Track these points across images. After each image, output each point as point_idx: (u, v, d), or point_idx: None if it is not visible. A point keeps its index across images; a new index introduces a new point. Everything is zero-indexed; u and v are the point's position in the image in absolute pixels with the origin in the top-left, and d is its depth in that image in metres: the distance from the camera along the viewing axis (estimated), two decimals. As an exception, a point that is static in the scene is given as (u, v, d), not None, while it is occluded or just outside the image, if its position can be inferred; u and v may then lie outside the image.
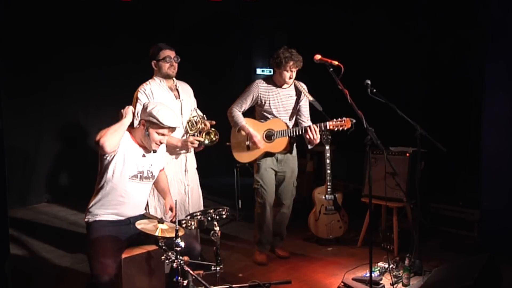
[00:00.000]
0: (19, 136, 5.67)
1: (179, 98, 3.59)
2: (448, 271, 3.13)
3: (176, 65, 3.55)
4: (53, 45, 5.68)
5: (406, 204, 4.11)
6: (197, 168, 3.77)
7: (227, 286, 2.60)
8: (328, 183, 4.30)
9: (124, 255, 2.68)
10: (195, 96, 3.79)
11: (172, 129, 2.85)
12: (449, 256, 4.00)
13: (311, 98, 3.82)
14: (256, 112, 3.97)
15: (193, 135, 3.52)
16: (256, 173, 3.92)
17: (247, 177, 5.82)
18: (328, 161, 4.25)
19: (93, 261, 2.59)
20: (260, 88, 3.84)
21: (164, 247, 2.54)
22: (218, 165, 7.67)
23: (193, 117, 3.59)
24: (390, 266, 3.57)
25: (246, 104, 3.88)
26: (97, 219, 2.82)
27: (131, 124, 2.90)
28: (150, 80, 3.55)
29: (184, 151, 3.54)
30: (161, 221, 2.60)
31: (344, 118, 3.65)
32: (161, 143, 2.85)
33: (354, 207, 4.49)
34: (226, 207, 2.81)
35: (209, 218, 2.72)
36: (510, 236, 3.90)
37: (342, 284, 3.49)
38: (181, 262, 2.43)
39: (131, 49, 5.93)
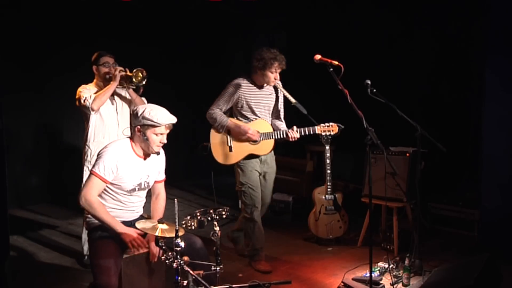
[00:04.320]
0: (19, 136, 5.67)
1: (115, 102, 3.81)
2: (448, 271, 3.13)
3: (113, 70, 3.74)
4: (52, 45, 5.68)
5: (406, 204, 4.11)
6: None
7: (227, 286, 2.60)
8: (328, 183, 4.29)
9: (124, 255, 2.68)
10: (195, 96, 3.83)
11: (169, 125, 2.76)
12: (449, 256, 4.01)
13: (293, 101, 3.73)
14: (234, 113, 3.85)
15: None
16: (241, 175, 3.82)
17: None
18: (328, 161, 4.25)
19: (95, 269, 2.58)
20: (242, 89, 3.74)
21: (164, 247, 2.54)
22: (218, 165, 7.68)
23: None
24: (390, 266, 3.57)
25: (227, 105, 3.78)
26: (96, 225, 2.79)
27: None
28: (91, 84, 3.81)
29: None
30: (161, 221, 2.60)
31: (331, 123, 3.72)
32: (161, 143, 2.77)
33: (354, 207, 4.49)
34: (226, 207, 2.80)
35: (209, 218, 2.72)
36: (510, 236, 3.90)
37: (342, 284, 3.49)
38: (181, 262, 2.43)
39: (130, 50, 5.94)
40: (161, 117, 2.69)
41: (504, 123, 3.99)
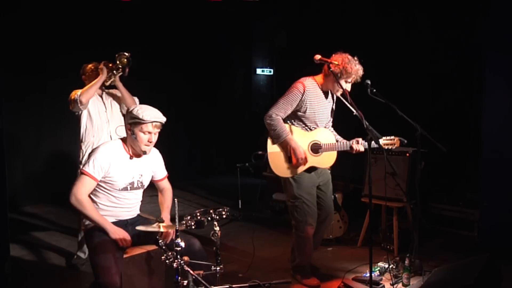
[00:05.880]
0: (19, 136, 5.67)
1: (104, 100, 3.85)
2: (448, 271, 3.12)
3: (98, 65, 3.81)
4: (53, 46, 5.69)
5: (406, 204, 4.11)
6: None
7: (227, 286, 2.60)
8: (328, 183, 4.29)
9: (124, 255, 2.68)
10: (195, 96, 3.80)
11: (157, 124, 2.74)
12: (449, 256, 4.00)
13: (355, 112, 3.07)
14: (290, 116, 3.42)
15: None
16: (295, 187, 3.39)
17: (247, 177, 5.83)
18: (328, 161, 4.24)
19: (97, 268, 2.57)
20: (308, 92, 3.32)
21: (164, 247, 2.54)
22: (218, 165, 7.69)
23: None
24: (390, 266, 3.57)
25: (291, 108, 3.33)
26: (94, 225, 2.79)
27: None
28: None
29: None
30: (161, 220, 2.61)
31: (393, 137, 3.33)
32: (150, 142, 2.76)
33: (354, 207, 4.49)
34: (226, 207, 2.81)
35: (209, 218, 2.72)
36: (510, 236, 3.90)
37: (342, 284, 3.49)
38: (181, 262, 2.43)
39: (130, 50, 5.95)
40: (148, 115, 2.70)
41: (504, 123, 3.99)
